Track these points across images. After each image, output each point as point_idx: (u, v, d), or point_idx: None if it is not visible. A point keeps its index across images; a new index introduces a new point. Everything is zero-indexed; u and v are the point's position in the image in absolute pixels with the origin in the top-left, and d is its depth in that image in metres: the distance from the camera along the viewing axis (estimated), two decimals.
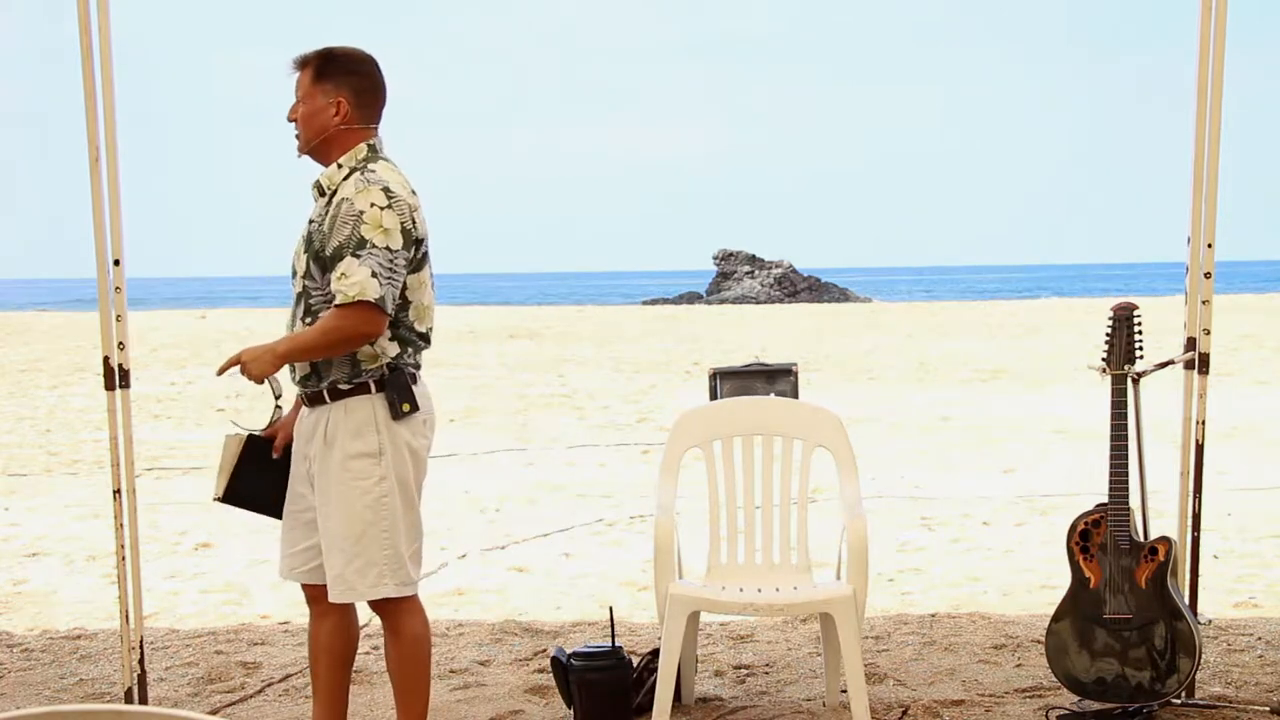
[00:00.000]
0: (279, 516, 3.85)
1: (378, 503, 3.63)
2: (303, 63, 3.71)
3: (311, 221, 3.69)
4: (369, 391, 3.62)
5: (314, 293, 3.63)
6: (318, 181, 3.71)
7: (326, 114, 3.67)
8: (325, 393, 3.64)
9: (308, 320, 3.63)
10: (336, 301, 3.55)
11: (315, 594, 3.83)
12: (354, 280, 3.51)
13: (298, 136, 3.72)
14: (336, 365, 3.62)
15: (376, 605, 3.74)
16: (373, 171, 3.63)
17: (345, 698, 3.95)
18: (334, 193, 3.64)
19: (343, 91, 3.68)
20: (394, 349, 3.65)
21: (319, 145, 3.70)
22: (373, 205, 3.56)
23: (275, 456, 3.85)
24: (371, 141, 3.72)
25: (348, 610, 3.84)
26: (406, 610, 3.74)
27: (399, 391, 3.63)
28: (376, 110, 3.76)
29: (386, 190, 3.58)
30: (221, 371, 3.69)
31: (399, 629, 3.76)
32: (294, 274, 3.71)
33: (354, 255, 3.53)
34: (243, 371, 3.62)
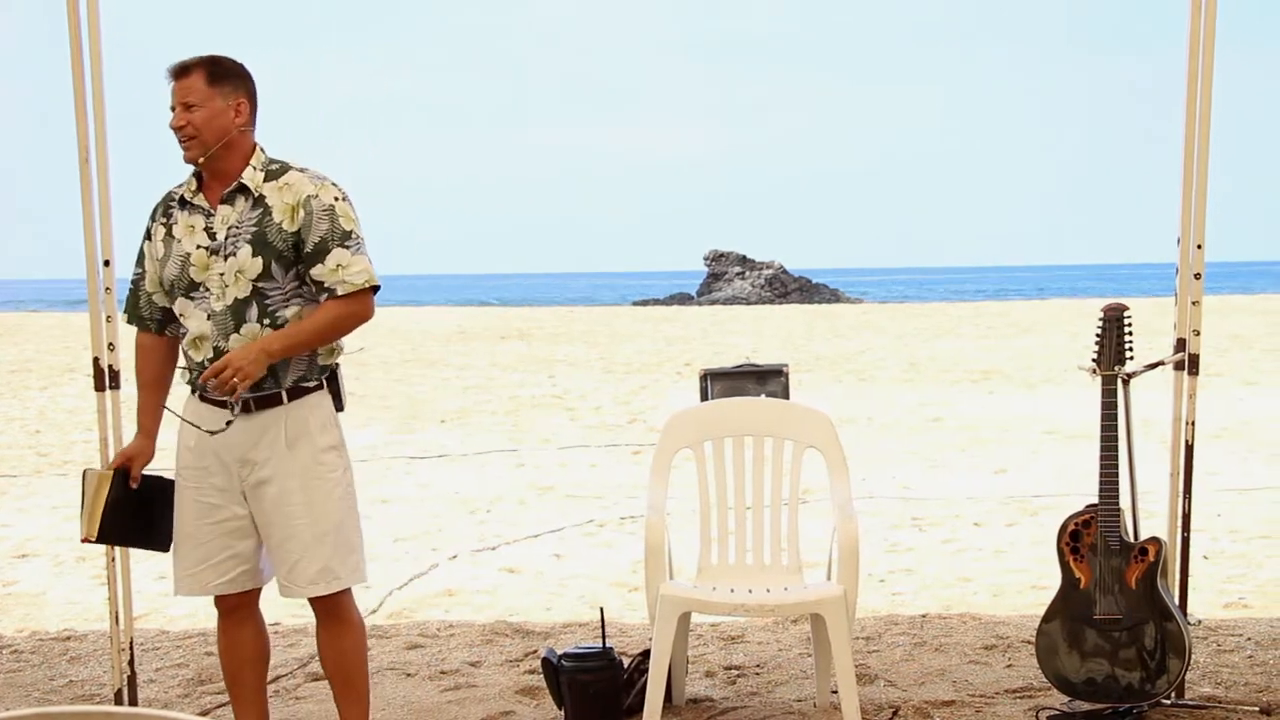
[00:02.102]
0: (156, 546, 3.82)
1: (347, 492, 3.74)
2: (184, 69, 3.64)
3: (235, 228, 3.62)
4: (323, 388, 3.71)
5: (271, 292, 3.62)
6: (242, 185, 3.65)
7: (227, 116, 3.65)
8: (284, 394, 3.65)
9: (265, 322, 3.61)
10: (341, 292, 3.61)
11: (234, 603, 3.83)
12: (359, 269, 3.62)
13: (189, 141, 3.63)
14: (295, 364, 3.65)
15: (326, 599, 3.74)
16: (307, 168, 3.71)
17: (266, 701, 4.01)
18: (261, 195, 3.64)
19: (240, 94, 3.68)
20: (341, 344, 3.77)
21: (219, 150, 3.65)
22: (337, 199, 3.66)
23: (134, 487, 3.78)
24: (259, 144, 3.74)
25: (260, 614, 3.91)
26: (351, 601, 3.82)
27: (340, 386, 3.77)
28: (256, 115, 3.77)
29: (335, 184, 3.69)
30: (210, 383, 3.55)
31: (350, 619, 3.81)
32: (222, 285, 3.61)
33: (343, 246, 3.62)
34: (235, 377, 3.51)
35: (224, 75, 3.66)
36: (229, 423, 3.64)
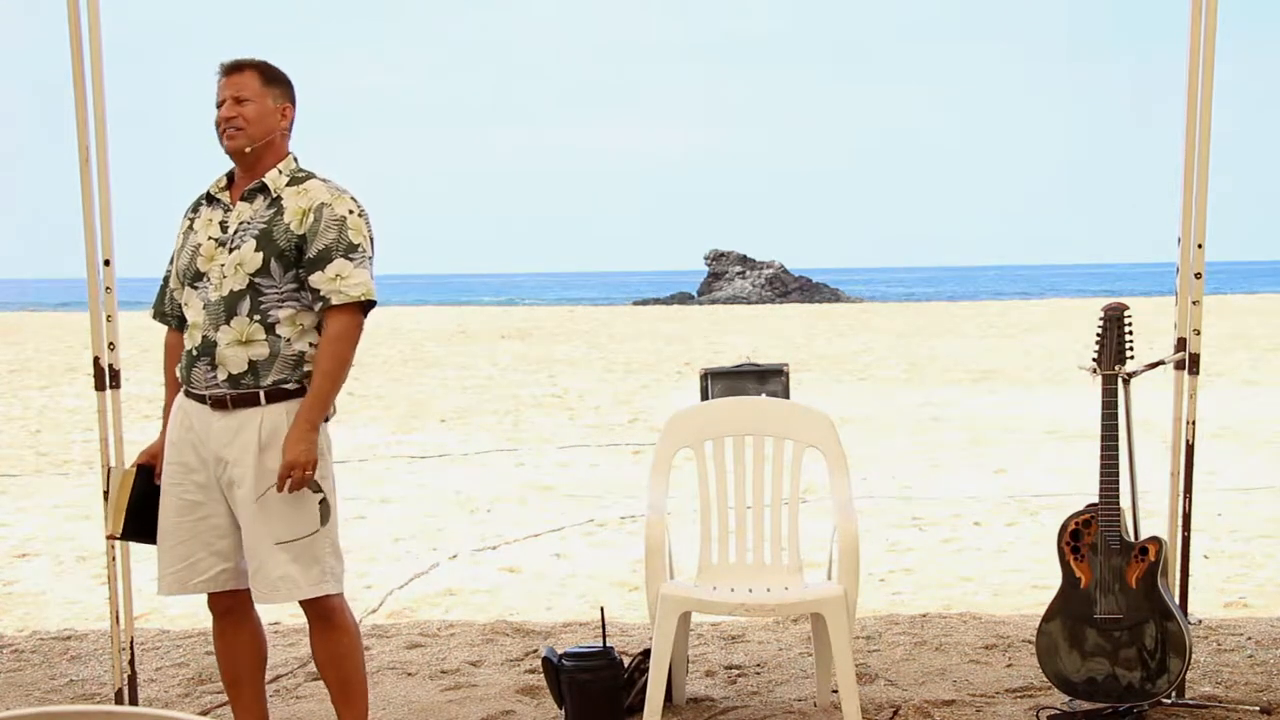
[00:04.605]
0: None
1: (321, 501, 3.70)
2: (238, 66, 3.72)
3: (246, 223, 3.67)
4: (305, 392, 3.67)
5: (267, 290, 3.64)
6: (262, 184, 3.70)
7: (274, 118, 3.73)
8: (262, 394, 3.64)
9: (256, 318, 3.63)
10: (336, 301, 3.62)
11: (227, 605, 3.84)
12: (357, 281, 3.64)
13: (237, 132, 3.69)
14: (279, 364, 3.65)
15: (315, 603, 3.75)
16: (330, 180, 3.74)
17: (266, 701, 4.02)
18: (279, 196, 3.68)
19: (287, 100, 3.77)
20: None
21: (259, 147, 3.71)
22: (351, 212, 3.69)
23: (159, 483, 3.81)
24: (293, 153, 3.79)
25: (256, 615, 3.90)
26: (341, 605, 3.81)
27: None
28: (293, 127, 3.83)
29: (354, 199, 3.72)
30: (290, 489, 3.60)
31: (342, 624, 3.80)
32: (221, 276, 3.65)
33: (346, 258, 3.64)
34: (305, 471, 3.58)
35: (275, 79, 3.75)
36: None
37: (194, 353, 3.68)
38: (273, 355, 3.64)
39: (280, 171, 3.72)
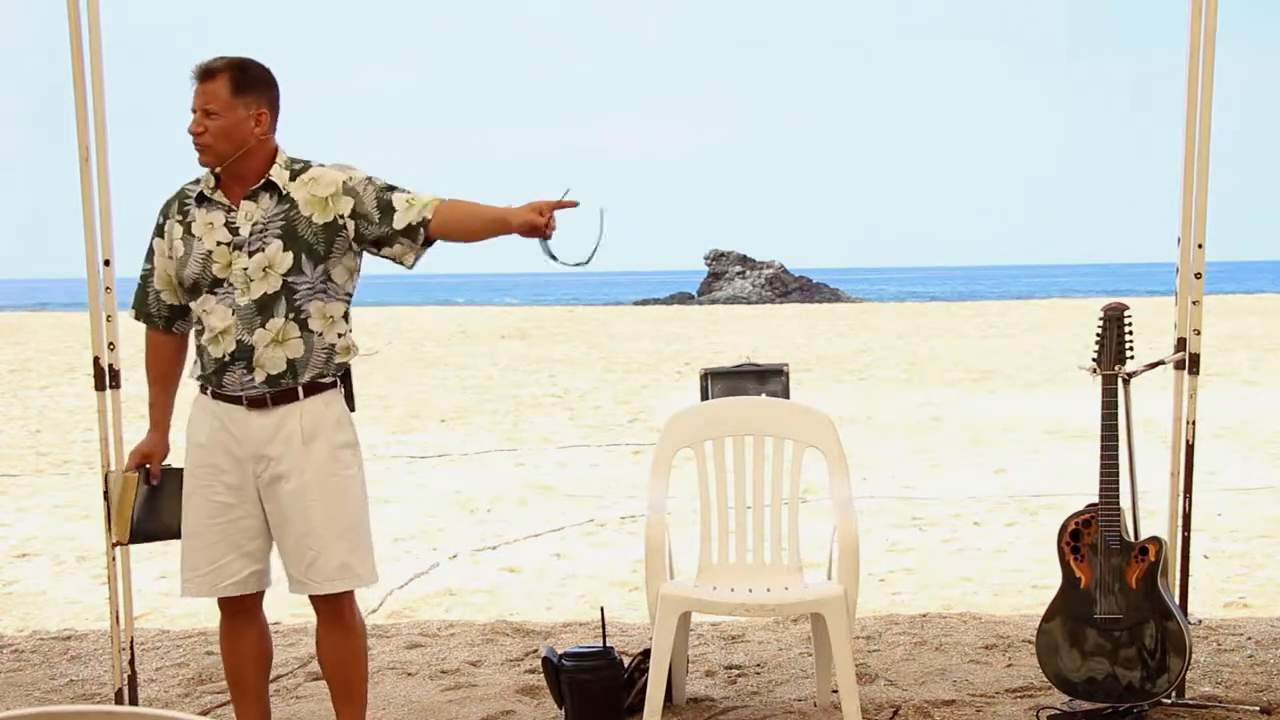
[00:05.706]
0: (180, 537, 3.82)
1: (362, 490, 3.76)
2: (209, 73, 3.64)
3: (261, 224, 3.65)
4: (337, 385, 3.72)
5: (300, 287, 3.64)
6: (269, 182, 3.67)
7: (246, 127, 3.65)
8: (300, 389, 3.66)
9: (291, 316, 3.63)
10: (429, 214, 3.68)
11: (239, 604, 3.84)
12: (422, 195, 3.71)
13: (206, 149, 3.64)
14: (314, 361, 3.67)
15: (330, 599, 3.76)
16: (325, 163, 3.76)
17: (268, 701, 4.04)
18: (288, 193, 3.68)
19: (263, 103, 3.69)
20: (356, 345, 3.81)
21: (236, 156, 3.67)
22: (365, 174, 3.76)
23: (154, 484, 3.85)
24: (279, 146, 3.77)
25: (263, 614, 3.93)
26: (353, 603, 3.82)
27: (351, 386, 3.79)
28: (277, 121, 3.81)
29: (355, 167, 3.78)
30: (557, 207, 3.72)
31: (352, 623, 3.82)
32: (246, 280, 3.62)
33: (398, 191, 3.72)
34: (546, 227, 3.69)
35: (249, 84, 3.66)
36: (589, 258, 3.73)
37: (225, 359, 3.65)
38: (308, 352, 3.66)
39: (280, 166, 3.70)
